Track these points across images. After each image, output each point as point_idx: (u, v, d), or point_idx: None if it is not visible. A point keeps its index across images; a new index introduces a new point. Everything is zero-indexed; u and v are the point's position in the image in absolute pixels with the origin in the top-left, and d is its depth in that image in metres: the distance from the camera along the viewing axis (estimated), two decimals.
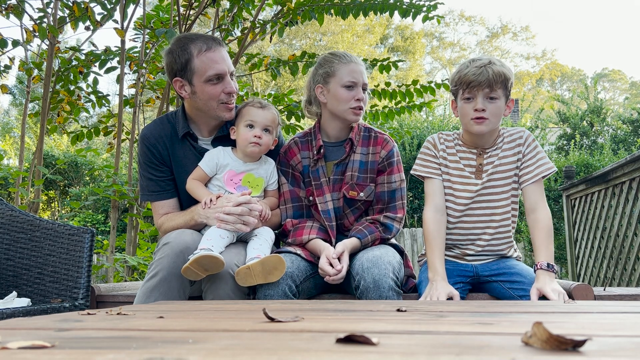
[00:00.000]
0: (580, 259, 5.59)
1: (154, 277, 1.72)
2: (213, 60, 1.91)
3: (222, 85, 1.93)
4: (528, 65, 28.80)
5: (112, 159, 8.59)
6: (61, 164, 4.41)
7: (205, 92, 1.93)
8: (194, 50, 1.91)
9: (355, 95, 1.94)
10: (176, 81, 1.97)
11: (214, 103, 1.95)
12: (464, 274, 1.93)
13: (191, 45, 1.92)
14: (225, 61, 1.94)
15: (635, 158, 4.16)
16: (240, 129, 1.96)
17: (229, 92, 1.94)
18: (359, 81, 1.96)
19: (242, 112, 1.98)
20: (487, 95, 1.79)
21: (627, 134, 11.12)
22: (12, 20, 3.30)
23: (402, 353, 0.53)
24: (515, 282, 1.83)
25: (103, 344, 0.63)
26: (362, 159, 2.00)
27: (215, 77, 1.92)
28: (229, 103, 1.96)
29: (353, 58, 2.01)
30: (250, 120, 1.94)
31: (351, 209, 2.01)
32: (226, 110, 1.97)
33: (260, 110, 1.95)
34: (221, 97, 1.94)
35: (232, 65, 2.00)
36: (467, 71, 1.79)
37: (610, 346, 0.58)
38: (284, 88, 17.13)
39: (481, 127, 1.81)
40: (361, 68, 1.99)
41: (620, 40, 47.89)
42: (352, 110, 1.95)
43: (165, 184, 2.02)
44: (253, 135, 1.92)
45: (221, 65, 1.92)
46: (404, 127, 10.09)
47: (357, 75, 1.96)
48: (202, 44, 1.92)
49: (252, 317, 0.97)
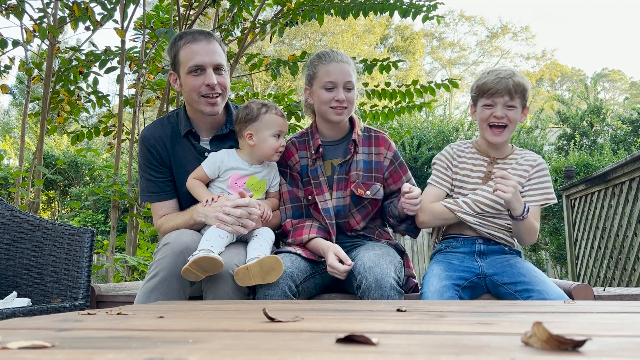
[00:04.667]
0: (580, 259, 5.59)
1: (154, 278, 1.72)
2: (194, 52, 1.91)
3: (203, 77, 1.91)
4: (528, 66, 28.78)
5: (112, 159, 8.59)
6: (61, 164, 4.42)
7: (187, 83, 1.93)
8: (181, 42, 1.94)
9: (335, 96, 1.92)
10: (171, 74, 2.02)
11: (194, 95, 1.93)
12: (470, 270, 1.92)
13: (181, 39, 1.95)
14: (208, 53, 1.91)
15: (635, 158, 4.16)
16: (267, 137, 1.93)
17: (208, 84, 1.91)
18: (339, 81, 1.92)
19: (265, 120, 1.93)
20: (506, 103, 1.91)
21: (627, 134, 11.11)
22: (12, 20, 3.31)
23: (402, 353, 0.53)
24: (517, 282, 1.83)
25: (103, 344, 0.63)
26: (365, 158, 2.02)
27: (195, 68, 1.91)
28: (209, 96, 1.93)
29: (334, 57, 1.97)
30: (279, 131, 1.94)
31: (357, 207, 2.01)
32: (207, 104, 1.93)
33: (283, 119, 1.97)
34: (201, 90, 1.91)
35: (222, 59, 1.96)
36: (490, 79, 1.92)
37: (610, 346, 0.58)
38: (284, 88, 17.13)
39: (497, 137, 1.94)
40: (343, 67, 1.94)
41: (620, 40, 47.92)
42: (332, 110, 1.94)
43: (165, 185, 2.02)
44: (280, 145, 1.94)
45: (202, 57, 1.90)
46: (404, 127, 10.08)
47: (335, 75, 1.93)
48: (189, 37, 1.94)
49: (252, 317, 0.97)
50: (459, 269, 1.91)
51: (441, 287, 1.80)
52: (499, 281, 1.89)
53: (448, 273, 1.87)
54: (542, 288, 1.78)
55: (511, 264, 1.90)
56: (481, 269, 1.93)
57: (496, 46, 27.26)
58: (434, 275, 1.87)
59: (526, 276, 1.82)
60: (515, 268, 1.88)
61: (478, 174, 2.01)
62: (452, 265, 1.92)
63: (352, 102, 1.97)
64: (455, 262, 1.94)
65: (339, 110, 1.94)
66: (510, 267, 1.89)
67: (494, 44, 27.27)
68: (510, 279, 1.86)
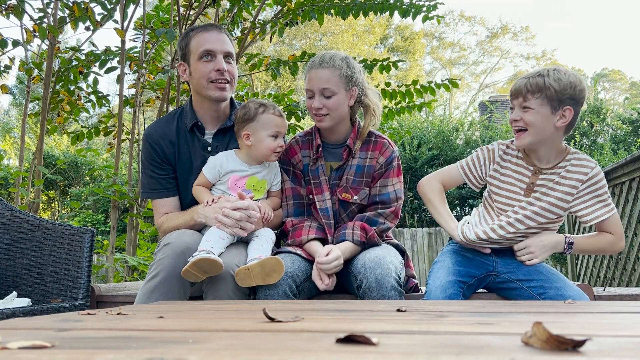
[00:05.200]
0: (580, 259, 5.59)
1: (155, 278, 1.72)
2: (205, 39, 1.97)
3: (213, 63, 1.96)
4: (528, 65, 28.75)
5: (112, 159, 8.59)
6: (61, 164, 4.42)
7: (197, 69, 1.98)
8: (192, 33, 2.02)
9: (312, 103, 1.93)
10: (180, 65, 2.06)
11: (204, 81, 1.97)
12: (482, 265, 1.89)
13: (192, 30, 2.04)
14: (219, 41, 1.98)
15: (635, 158, 4.16)
16: (264, 138, 1.92)
17: (218, 69, 1.95)
18: (314, 89, 1.91)
19: (262, 120, 1.92)
20: (521, 104, 1.77)
21: (627, 134, 11.11)
22: (12, 20, 3.31)
23: (402, 353, 0.53)
24: (533, 280, 1.81)
25: (103, 344, 0.63)
26: (359, 162, 1.99)
27: (206, 54, 1.96)
28: (218, 82, 1.97)
29: (316, 63, 1.94)
30: (276, 131, 1.93)
31: (347, 212, 2.01)
32: (216, 89, 1.98)
33: (281, 119, 1.96)
34: (211, 75, 1.96)
35: (231, 49, 2.02)
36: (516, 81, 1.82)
37: (610, 346, 0.58)
38: (284, 88, 17.13)
39: (517, 142, 1.80)
40: (321, 73, 1.90)
41: (620, 40, 47.88)
42: (314, 116, 1.95)
43: (167, 182, 2.03)
44: (278, 145, 1.93)
45: (213, 44, 1.97)
46: (404, 127, 10.09)
47: (311, 83, 1.92)
48: (200, 28, 2.02)
49: (252, 317, 0.97)
50: (472, 264, 1.89)
51: (446, 282, 1.79)
52: (512, 278, 1.85)
53: (458, 268, 1.84)
54: (560, 285, 1.76)
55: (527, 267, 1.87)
56: (495, 266, 1.89)
57: (496, 46, 27.24)
58: (443, 268, 1.86)
59: (543, 274, 1.80)
60: (532, 266, 1.85)
61: (520, 184, 1.85)
62: (465, 258, 1.89)
63: (333, 109, 1.91)
64: (470, 256, 1.91)
65: (318, 117, 1.93)
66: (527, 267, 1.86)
67: (494, 44, 27.24)
68: (525, 276, 1.83)
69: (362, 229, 1.89)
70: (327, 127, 1.96)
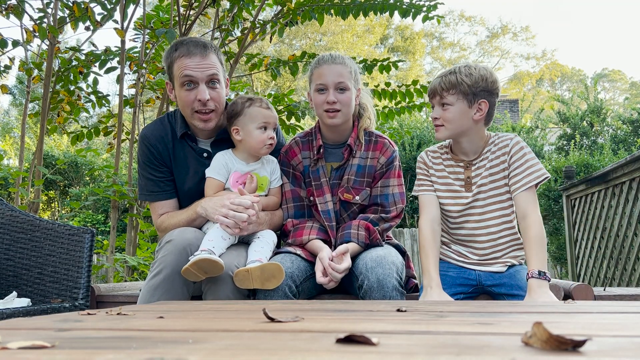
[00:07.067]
0: (580, 259, 5.59)
1: (158, 275, 1.72)
2: (186, 66, 1.87)
3: (195, 92, 1.88)
4: (528, 66, 28.79)
5: (112, 159, 8.59)
6: (61, 164, 4.42)
7: (180, 97, 1.91)
8: (175, 55, 1.91)
9: (325, 99, 1.91)
10: (167, 84, 2.02)
11: (187, 110, 1.91)
12: (467, 282, 1.91)
13: (177, 49, 1.91)
14: (200, 67, 1.87)
15: (635, 158, 4.17)
16: (252, 130, 1.91)
17: (200, 99, 1.87)
18: (328, 83, 1.90)
19: (249, 113, 1.92)
20: (439, 102, 1.85)
21: (627, 134, 11.11)
22: (12, 20, 3.31)
23: (402, 353, 0.53)
24: (514, 295, 1.80)
25: (103, 344, 0.63)
26: (360, 162, 1.98)
27: (188, 82, 1.87)
28: (202, 112, 1.90)
29: (327, 59, 1.95)
30: (264, 122, 1.92)
31: (348, 212, 2.00)
32: (200, 120, 1.91)
33: (269, 111, 1.94)
34: (194, 105, 1.89)
35: (217, 70, 1.92)
36: None
37: (610, 346, 0.58)
38: (284, 88, 17.13)
39: (437, 134, 1.88)
40: (334, 68, 1.91)
41: (620, 40, 47.89)
42: (325, 113, 1.92)
43: (165, 185, 2.02)
44: (268, 137, 1.92)
45: (193, 71, 1.86)
46: (404, 127, 10.08)
47: (325, 77, 1.91)
48: (184, 49, 1.89)
49: (252, 317, 0.97)
50: (456, 282, 1.90)
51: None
52: (495, 291, 1.87)
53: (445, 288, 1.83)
54: None
55: (511, 273, 1.87)
56: (479, 279, 1.90)
57: (496, 46, 27.27)
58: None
59: (523, 289, 1.76)
60: (514, 279, 1.84)
61: (459, 182, 1.91)
62: (448, 277, 1.89)
63: (345, 104, 1.92)
64: (452, 274, 1.91)
65: (330, 113, 1.91)
66: (509, 278, 1.86)
67: (494, 44, 27.27)
68: (507, 290, 1.83)
69: (367, 230, 1.89)
70: (339, 123, 1.94)
